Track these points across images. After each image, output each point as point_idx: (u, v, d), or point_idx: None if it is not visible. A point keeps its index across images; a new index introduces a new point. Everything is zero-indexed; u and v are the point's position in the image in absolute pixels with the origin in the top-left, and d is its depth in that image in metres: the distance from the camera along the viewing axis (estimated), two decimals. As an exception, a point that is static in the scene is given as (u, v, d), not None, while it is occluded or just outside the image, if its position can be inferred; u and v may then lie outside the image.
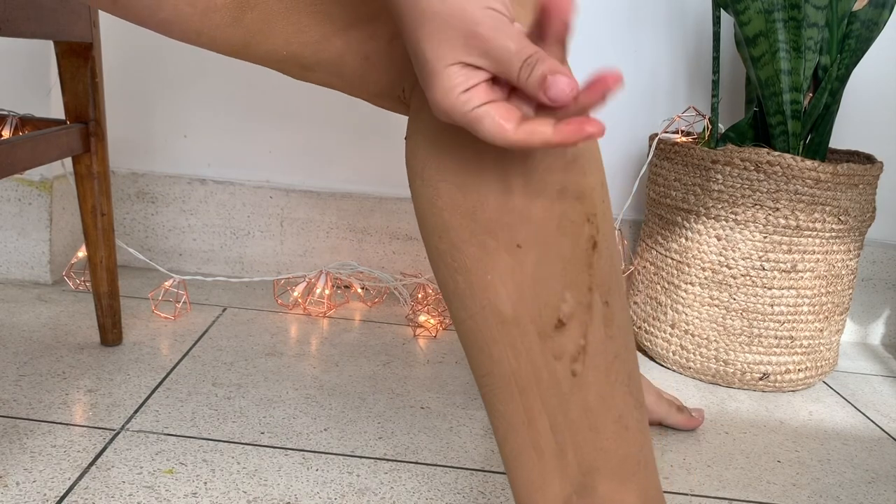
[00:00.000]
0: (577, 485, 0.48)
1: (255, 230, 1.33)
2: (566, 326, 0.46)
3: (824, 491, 0.83)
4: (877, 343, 1.36)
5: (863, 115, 1.30)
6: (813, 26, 1.02)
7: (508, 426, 0.48)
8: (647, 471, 0.49)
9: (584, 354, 0.46)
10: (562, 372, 0.46)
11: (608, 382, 0.47)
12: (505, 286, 0.46)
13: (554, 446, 0.47)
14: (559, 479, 0.48)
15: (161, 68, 1.30)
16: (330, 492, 0.73)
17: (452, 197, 0.46)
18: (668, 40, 1.29)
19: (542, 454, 0.48)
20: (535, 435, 0.48)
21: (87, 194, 0.94)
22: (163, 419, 0.83)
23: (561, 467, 0.48)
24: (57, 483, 0.70)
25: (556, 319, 0.46)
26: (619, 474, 0.48)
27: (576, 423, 0.47)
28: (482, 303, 0.47)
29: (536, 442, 0.48)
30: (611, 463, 0.48)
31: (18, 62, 1.17)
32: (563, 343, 0.46)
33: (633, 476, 0.48)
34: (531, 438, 0.48)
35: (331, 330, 1.15)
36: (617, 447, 0.48)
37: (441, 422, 0.89)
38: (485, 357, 0.48)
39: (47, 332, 1.02)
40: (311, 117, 1.32)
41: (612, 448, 0.48)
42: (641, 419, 0.49)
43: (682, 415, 0.94)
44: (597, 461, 0.48)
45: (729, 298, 1.06)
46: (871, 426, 1.01)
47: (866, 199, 1.07)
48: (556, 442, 0.47)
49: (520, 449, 0.48)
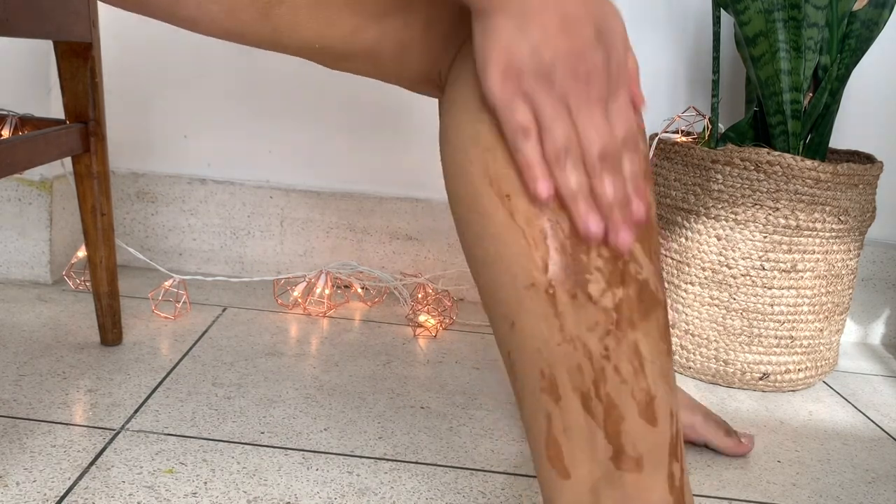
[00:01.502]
0: (604, 470, 0.46)
1: (255, 230, 1.33)
2: (599, 296, 0.44)
3: (824, 491, 0.83)
4: (877, 343, 1.36)
5: (863, 115, 1.30)
6: (813, 26, 1.02)
7: (536, 404, 0.47)
8: (676, 460, 0.47)
9: (617, 329, 0.45)
10: (594, 347, 0.44)
11: (640, 361, 0.45)
12: (538, 250, 0.44)
13: (584, 427, 0.46)
14: (588, 462, 0.46)
15: (161, 68, 1.30)
16: (330, 492, 0.73)
17: (484, 162, 0.45)
18: (668, 40, 1.29)
19: (571, 435, 0.46)
20: (565, 414, 0.46)
21: (86, 194, 0.94)
22: (163, 419, 0.83)
23: (590, 450, 0.46)
24: (57, 483, 0.70)
25: (589, 288, 0.44)
26: (650, 462, 0.46)
27: (606, 405, 0.45)
28: (514, 270, 0.45)
29: (566, 422, 0.46)
30: (639, 450, 0.46)
31: (18, 62, 1.17)
32: (596, 315, 0.44)
33: (661, 464, 0.47)
34: (561, 418, 0.46)
35: (331, 330, 1.15)
36: (646, 434, 0.46)
37: (441, 422, 0.89)
38: (515, 331, 0.46)
39: (47, 332, 1.02)
40: (311, 117, 1.32)
41: (641, 434, 0.46)
42: (674, 406, 0.47)
43: (730, 439, 0.87)
44: (626, 446, 0.46)
45: (729, 298, 1.06)
46: (871, 426, 1.01)
47: (866, 199, 1.07)
48: (585, 423, 0.46)
49: (547, 428, 0.47)
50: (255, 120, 1.32)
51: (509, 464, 0.81)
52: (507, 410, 0.94)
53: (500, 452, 0.83)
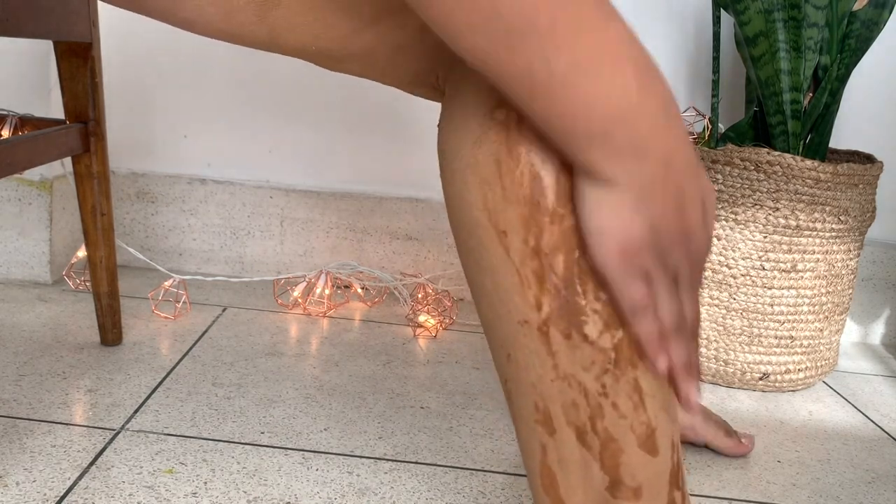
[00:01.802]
0: (600, 499, 0.46)
1: (255, 230, 1.33)
2: (597, 337, 0.44)
3: (824, 491, 0.83)
4: (877, 343, 1.36)
5: (863, 115, 1.30)
6: (813, 26, 1.02)
7: (531, 434, 0.47)
8: (676, 488, 0.47)
9: (615, 368, 0.44)
10: (591, 385, 0.44)
11: (640, 396, 0.45)
12: (531, 289, 0.44)
13: (579, 460, 0.46)
14: (583, 492, 0.46)
15: (161, 68, 1.30)
16: (330, 492, 0.73)
17: (482, 193, 0.44)
18: (668, 40, 1.29)
19: (566, 466, 0.46)
20: (560, 446, 0.46)
21: (86, 194, 0.94)
22: (163, 419, 0.83)
23: (585, 481, 0.46)
24: (57, 483, 0.70)
25: (585, 329, 0.44)
26: (650, 491, 0.46)
27: (603, 438, 0.45)
28: (508, 306, 0.45)
29: (561, 454, 0.46)
30: (638, 480, 0.46)
31: (18, 62, 1.17)
32: (593, 355, 0.44)
33: (661, 493, 0.47)
34: (556, 449, 0.46)
35: (331, 330, 1.15)
36: (646, 464, 0.46)
37: (441, 422, 0.89)
38: (511, 363, 0.46)
39: (47, 332, 1.02)
40: (311, 117, 1.32)
41: (641, 465, 0.46)
42: (675, 435, 0.47)
43: (730, 439, 0.87)
44: (624, 477, 0.46)
45: (729, 298, 1.06)
46: (871, 426, 1.01)
47: (866, 199, 1.07)
48: (580, 456, 0.46)
49: (542, 458, 0.47)
50: (255, 120, 1.32)
51: (509, 464, 0.81)
52: (507, 410, 0.94)
53: (500, 452, 0.83)
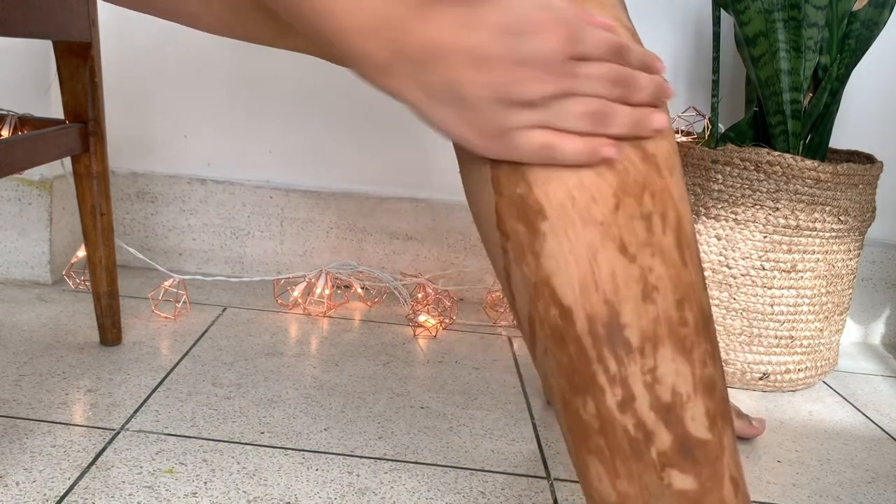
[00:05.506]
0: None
1: (254, 230, 1.33)
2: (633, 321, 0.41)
3: (824, 491, 0.83)
4: (877, 343, 1.36)
5: (863, 115, 1.30)
6: (813, 26, 1.02)
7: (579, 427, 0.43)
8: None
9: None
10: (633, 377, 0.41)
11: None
12: (565, 273, 0.41)
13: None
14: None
15: (161, 68, 1.30)
16: (330, 492, 0.73)
17: (495, 202, 0.43)
18: (667, 40, 1.29)
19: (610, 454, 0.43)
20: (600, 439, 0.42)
21: (86, 194, 0.94)
22: (163, 419, 0.83)
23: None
24: (57, 483, 0.70)
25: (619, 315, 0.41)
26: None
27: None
28: (542, 291, 0.42)
29: (598, 447, 0.43)
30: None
31: (17, 62, 1.17)
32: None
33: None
34: (594, 443, 0.43)
35: (331, 330, 1.15)
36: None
37: (441, 422, 0.89)
38: (549, 358, 0.43)
39: (47, 332, 1.02)
40: (311, 117, 1.32)
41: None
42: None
43: (741, 421, 0.86)
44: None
45: (729, 298, 1.06)
46: (871, 426, 1.01)
47: (866, 199, 1.07)
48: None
49: (584, 452, 0.44)
50: (255, 120, 1.32)
51: (509, 464, 0.81)
52: (507, 410, 0.94)
53: (500, 452, 0.83)
